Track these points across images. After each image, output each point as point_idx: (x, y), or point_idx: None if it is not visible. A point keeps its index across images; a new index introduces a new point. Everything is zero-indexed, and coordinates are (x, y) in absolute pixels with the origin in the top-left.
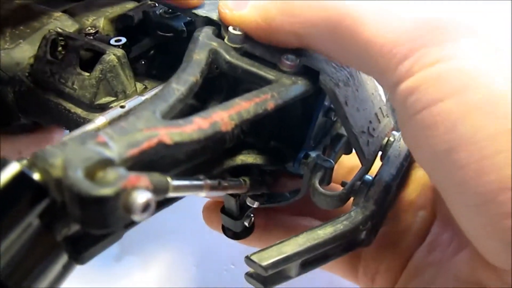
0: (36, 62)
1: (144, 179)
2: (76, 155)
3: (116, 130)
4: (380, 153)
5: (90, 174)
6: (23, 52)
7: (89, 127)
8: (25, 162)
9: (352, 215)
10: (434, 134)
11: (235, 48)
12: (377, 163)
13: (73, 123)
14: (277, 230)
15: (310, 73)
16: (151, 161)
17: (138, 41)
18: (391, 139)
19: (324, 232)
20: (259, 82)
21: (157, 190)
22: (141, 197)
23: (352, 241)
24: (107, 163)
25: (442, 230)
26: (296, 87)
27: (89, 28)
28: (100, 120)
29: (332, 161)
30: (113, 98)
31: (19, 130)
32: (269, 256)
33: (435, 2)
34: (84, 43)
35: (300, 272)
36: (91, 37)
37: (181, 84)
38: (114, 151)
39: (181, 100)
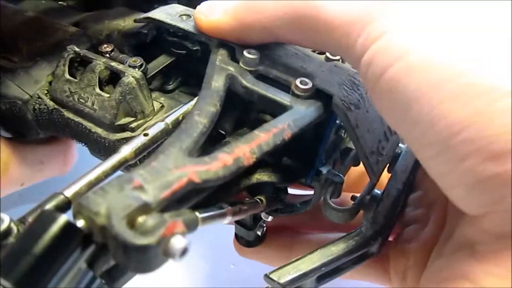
0: (54, 81)
1: (179, 224)
2: (117, 203)
3: (149, 171)
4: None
5: (131, 221)
6: (41, 70)
7: (116, 157)
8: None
9: (363, 231)
10: (392, 97)
11: (250, 71)
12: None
13: (93, 142)
14: (303, 248)
15: (322, 95)
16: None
17: (152, 55)
18: (398, 151)
19: (337, 248)
20: (274, 107)
21: (189, 228)
22: (179, 243)
23: (363, 254)
24: (145, 208)
25: (456, 216)
26: (310, 113)
27: (105, 46)
28: (126, 149)
29: (341, 175)
30: (132, 119)
31: (36, 140)
32: (287, 274)
33: None
34: (102, 64)
35: (315, 286)
36: (108, 55)
37: (203, 116)
38: (149, 193)
39: (204, 133)
